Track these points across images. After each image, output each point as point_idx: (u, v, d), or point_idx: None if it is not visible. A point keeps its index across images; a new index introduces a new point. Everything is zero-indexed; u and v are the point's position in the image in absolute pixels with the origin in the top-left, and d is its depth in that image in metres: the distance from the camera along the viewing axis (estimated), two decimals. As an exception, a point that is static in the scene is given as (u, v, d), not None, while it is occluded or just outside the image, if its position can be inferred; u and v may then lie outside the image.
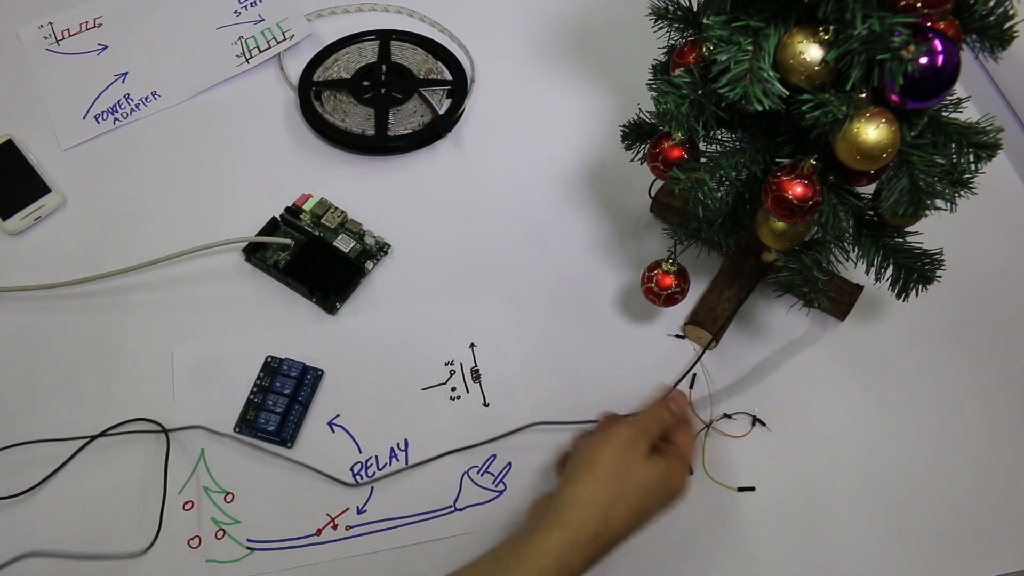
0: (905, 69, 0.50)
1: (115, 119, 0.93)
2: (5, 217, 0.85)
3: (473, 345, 0.81)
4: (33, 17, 1.00)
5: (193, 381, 0.78)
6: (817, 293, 0.66)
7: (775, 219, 0.64)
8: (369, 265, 0.84)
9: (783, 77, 0.55)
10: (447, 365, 0.80)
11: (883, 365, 0.81)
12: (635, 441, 0.65)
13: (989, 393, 0.79)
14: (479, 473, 0.75)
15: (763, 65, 0.54)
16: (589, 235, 0.87)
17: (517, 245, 0.86)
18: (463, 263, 0.85)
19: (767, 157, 0.62)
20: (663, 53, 0.68)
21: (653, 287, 0.74)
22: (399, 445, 0.76)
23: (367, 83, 0.95)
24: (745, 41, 0.55)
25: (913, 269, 0.66)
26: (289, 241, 0.83)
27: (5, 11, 1.01)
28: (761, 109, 0.55)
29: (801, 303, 0.68)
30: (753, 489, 0.74)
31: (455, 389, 0.79)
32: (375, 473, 0.74)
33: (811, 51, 0.53)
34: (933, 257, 0.66)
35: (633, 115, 0.73)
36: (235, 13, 1.01)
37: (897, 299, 0.68)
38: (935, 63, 0.51)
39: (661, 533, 0.72)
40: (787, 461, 0.76)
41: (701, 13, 0.62)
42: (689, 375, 0.79)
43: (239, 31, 0.99)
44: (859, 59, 0.51)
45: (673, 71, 0.62)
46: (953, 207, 0.60)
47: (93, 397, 0.77)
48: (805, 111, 0.54)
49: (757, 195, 0.65)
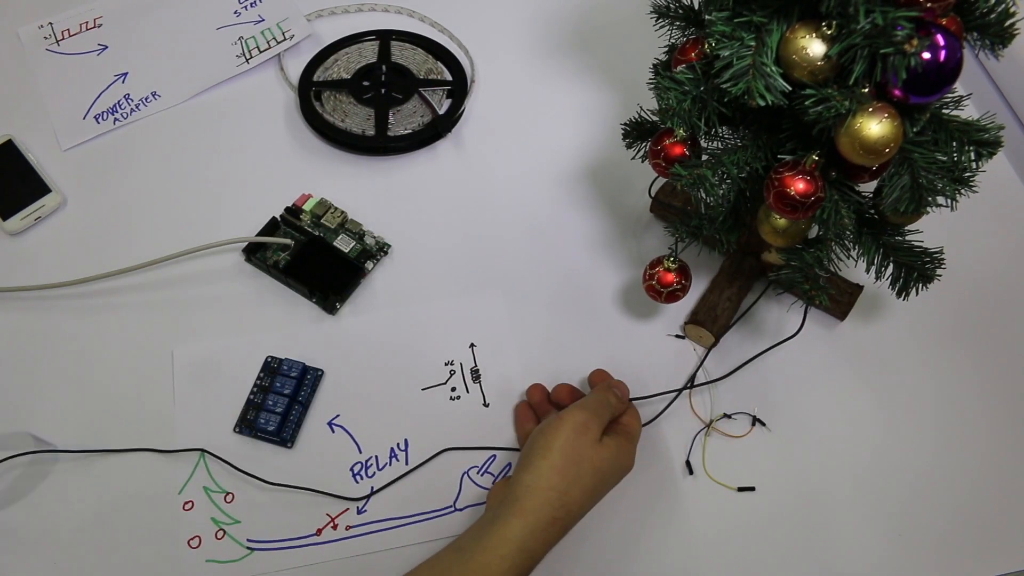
0: (908, 63, 0.50)
1: (115, 119, 0.93)
2: (5, 217, 0.85)
3: (473, 345, 0.81)
4: (33, 17, 1.00)
5: (193, 381, 0.78)
6: (818, 291, 0.66)
7: (777, 216, 0.64)
8: (369, 265, 0.84)
9: (786, 72, 0.55)
10: (447, 365, 0.80)
11: (883, 365, 0.81)
12: (587, 425, 0.66)
13: (989, 392, 0.79)
14: (479, 473, 0.75)
15: (766, 60, 0.54)
16: (589, 234, 0.87)
17: (517, 245, 0.86)
18: (463, 263, 0.85)
19: (769, 153, 0.62)
20: (664, 52, 0.68)
21: (654, 284, 0.74)
22: (399, 445, 0.76)
23: (367, 83, 0.95)
24: (748, 37, 0.55)
25: (913, 268, 0.66)
26: (289, 241, 0.83)
27: (5, 11, 1.01)
28: (764, 104, 0.55)
29: (801, 301, 0.68)
30: (753, 489, 0.74)
31: (455, 389, 0.79)
32: (375, 473, 0.74)
33: (814, 46, 0.53)
34: (933, 256, 0.66)
35: (634, 114, 0.73)
36: (235, 13, 1.01)
37: (897, 298, 0.68)
38: (937, 58, 0.51)
39: (662, 533, 0.72)
40: (787, 461, 0.76)
41: (703, 9, 0.62)
42: (689, 375, 0.79)
43: (239, 31, 0.99)
44: (862, 54, 0.51)
45: (675, 68, 0.62)
46: (954, 205, 0.60)
47: (93, 397, 0.77)
48: (808, 106, 0.54)
49: (759, 192, 0.65)
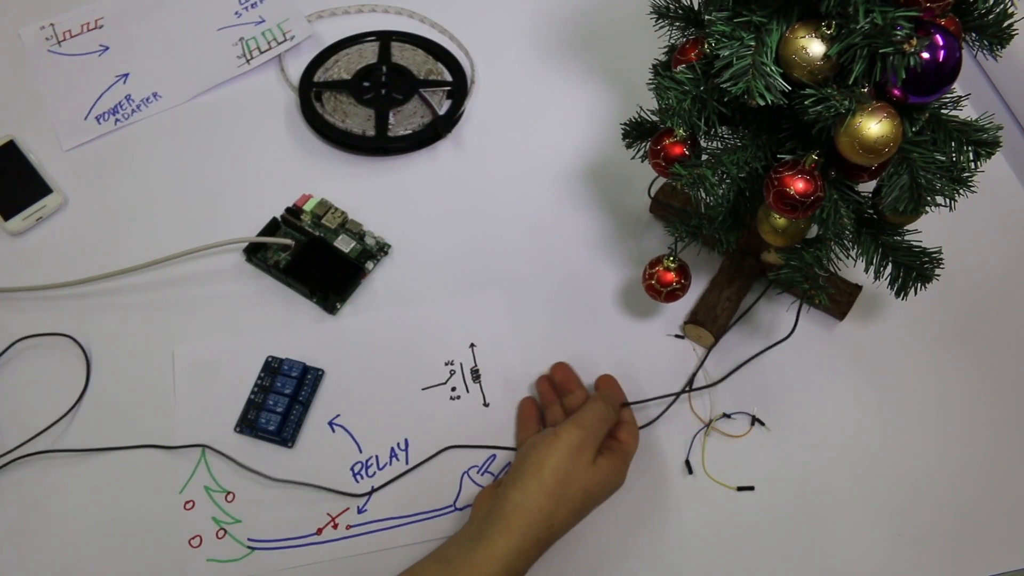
0: (907, 63, 0.50)
1: (116, 120, 0.93)
2: (7, 218, 0.85)
3: (473, 345, 0.81)
4: (35, 18, 1.00)
5: (194, 381, 0.78)
6: (817, 290, 0.66)
7: (776, 215, 0.64)
8: (369, 265, 0.84)
9: (785, 72, 0.55)
10: (447, 365, 0.80)
11: (882, 365, 0.81)
12: (582, 447, 0.65)
13: (988, 392, 0.80)
14: (479, 473, 0.75)
15: (766, 60, 0.55)
16: (589, 234, 0.87)
17: (517, 245, 0.86)
18: (463, 263, 0.85)
19: (769, 153, 0.63)
20: (663, 52, 0.68)
21: (654, 283, 0.74)
22: (399, 445, 0.76)
23: (367, 84, 0.95)
24: (748, 36, 0.55)
25: (912, 268, 0.66)
26: (290, 241, 0.83)
27: (7, 12, 1.01)
28: (764, 104, 0.55)
29: (800, 301, 0.68)
30: (753, 489, 0.74)
31: (455, 389, 0.79)
32: (375, 473, 0.74)
33: (813, 46, 0.54)
34: (932, 255, 0.66)
35: (633, 114, 0.73)
36: (236, 14, 1.01)
37: (896, 297, 0.68)
38: (937, 58, 0.52)
39: (661, 532, 0.72)
40: (786, 461, 0.76)
41: (703, 9, 0.62)
42: (689, 375, 0.79)
43: (240, 32, 0.99)
44: (861, 53, 0.51)
45: (675, 68, 0.63)
46: (953, 205, 0.60)
47: (93, 398, 0.77)
48: (807, 106, 0.54)
49: (758, 192, 0.65)
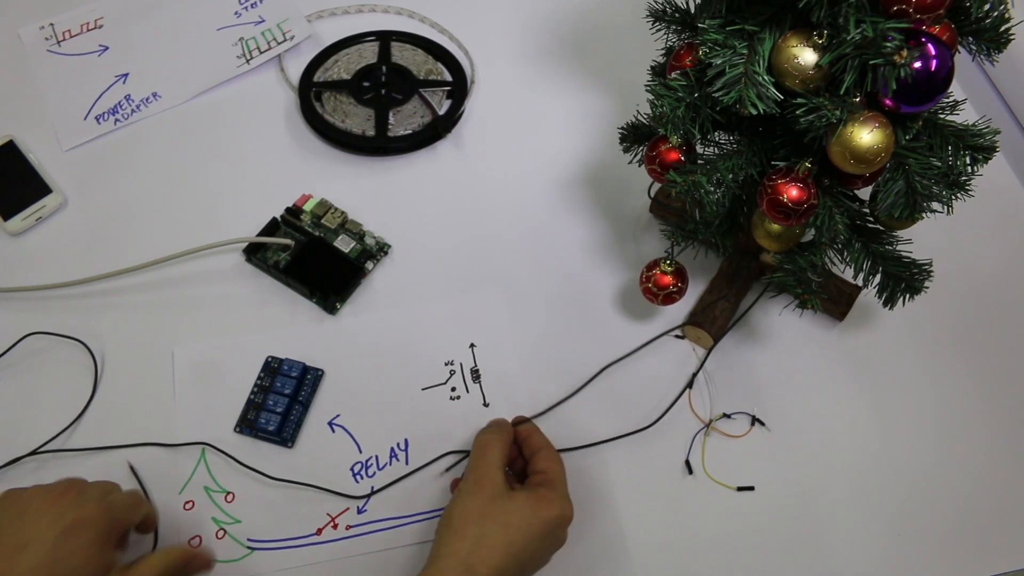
0: (898, 74, 0.50)
1: (116, 120, 0.93)
2: (6, 218, 0.86)
3: (473, 345, 0.81)
4: (34, 18, 1.00)
5: (194, 381, 0.78)
6: (811, 295, 0.66)
7: (770, 221, 0.64)
8: (369, 265, 0.84)
9: (778, 81, 0.55)
10: (447, 365, 0.80)
11: (882, 365, 0.81)
12: (479, 483, 0.65)
13: (987, 393, 0.80)
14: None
15: (758, 69, 0.55)
16: (588, 236, 0.87)
17: (517, 245, 0.87)
18: (463, 263, 0.85)
19: (763, 160, 0.63)
20: (661, 55, 0.68)
21: (651, 286, 0.74)
22: (399, 445, 0.76)
23: (367, 84, 0.95)
24: (740, 45, 0.55)
25: (901, 278, 0.66)
26: (289, 241, 0.83)
27: (6, 12, 1.01)
28: (755, 113, 0.55)
29: (796, 305, 0.68)
30: (752, 489, 0.75)
31: (455, 389, 0.79)
32: (375, 473, 0.75)
33: (805, 55, 0.54)
34: (922, 267, 0.66)
35: (631, 117, 0.73)
36: (236, 14, 1.01)
37: (884, 306, 0.68)
38: (928, 67, 0.52)
39: (661, 532, 0.72)
40: (786, 461, 0.76)
41: (697, 16, 0.62)
42: (689, 374, 0.79)
43: (240, 32, 0.99)
44: (852, 64, 0.51)
45: (669, 73, 0.63)
46: (949, 209, 0.60)
47: (94, 399, 0.77)
48: (799, 115, 0.54)
49: (754, 197, 0.65)
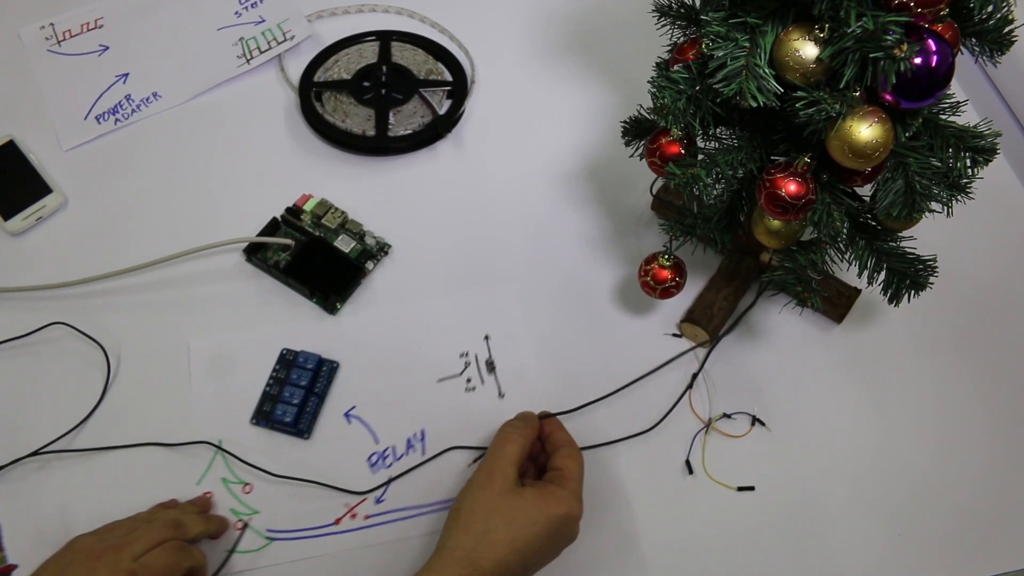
0: (898, 68, 0.50)
1: (116, 120, 0.93)
2: (6, 217, 0.86)
3: (488, 337, 0.81)
4: (34, 18, 1.00)
5: (209, 374, 0.79)
6: (811, 293, 0.66)
7: (770, 217, 0.64)
8: (370, 265, 0.84)
9: (779, 74, 0.55)
10: (462, 357, 0.80)
11: (881, 367, 0.81)
12: (491, 477, 0.65)
13: (987, 393, 0.80)
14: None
15: (759, 62, 0.55)
16: (590, 233, 0.87)
17: (518, 245, 0.87)
18: (463, 263, 0.85)
19: (763, 155, 0.63)
20: (666, 51, 0.68)
21: (649, 280, 0.74)
22: (416, 436, 0.76)
23: (367, 84, 0.95)
24: (742, 38, 0.55)
25: (906, 275, 0.66)
26: (290, 241, 0.83)
27: (7, 12, 1.01)
28: (756, 105, 0.55)
29: (795, 303, 0.68)
30: (753, 489, 0.75)
31: (470, 380, 0.79)
32: (392, 463, 0.75)
33: (806, 49, 0.54)
34: (927, 263, 0.66)
35: (634, 112, 0.73)
36: (236, 14, 1.01)
37: (889, 304, 0.67)
38: (929, 63, 0.51)
39: (661, 532, 0.72)
40: (787, 461, 0.76)
41: (701, 10, 0.62)
42: (689, 374, 0.79)
43: (240, 32, 0.99)
44: (853, 57, 0.51)
45: (672, 67, 0.63)
46: (949, 210, 0.60)
47: (93, 401, 0.77)
48: (799, 108, 0.54)
49: (753, 194, 0.65)
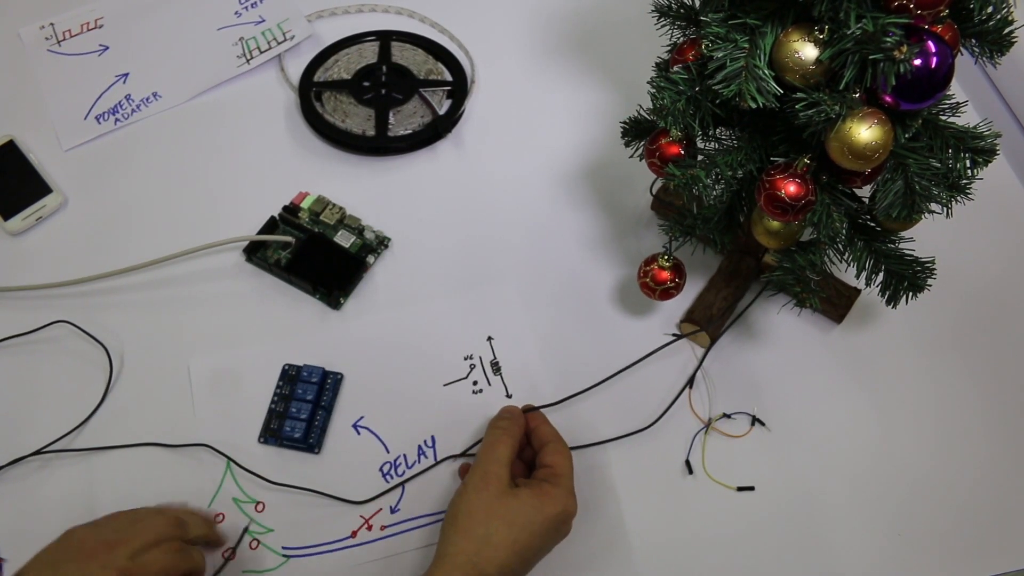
0: (898, 70, 0.50)
1: (116, 120, 0.93)
2: (6, 217, 0.86)
3: (491, 338, 0.81)
4: (34, 18, 1.00)
5: (211, 394, 0.77)
6: (809, 294, 0.66)
7: (769, 218, 0.64)
8: (370, 259, 0.84)
9: (778, 75, 0.55)
10: (466, 359, 0.80)
11: (881, 367, 0.81)
12: (486, 480, 0.65)
13: (986, 394, 0.80)
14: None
15: (758, 63, 0.55)
16: (589, 233, 0.87)
17: (518, 244, 0.87)
18: (463, 263, 0.85)
19: (763, 155, 0.63)
20: (666, 51, 0.68)
21: (648, 281, 0.74)
22: (427, 442, 0.76)
23: (367, 84, 0.95)
24: (741, 39, 0.55)
25: (904, 276, 0.66)
26: (290, 239, 0.83)
27: (7, 12, 1.01)
28: (755, 107, 0.55)
29: (794, 303, 0.68)
30: (752, 489, 0.75)
31: (477, 383, 0.79)
32: (404, 472, 0.74)
33: (806, 50, 0.54)
34: (925, 265, 0.66)
35: (633, 112, 0.73)
36: (236, 14, 1.01)
37: (887, 305, 0.68)
38: (928, 65, 0.51)
39: (661, 532, 0.72)
40: (786, 461, 0.76)
41: (701, 11, 0.62)
42: (688, 374, 0.79)
43: (240, 32, 0.99)
44: (852, 59, 0.51)
45: (672, 68, 0.63)
46: (948, 211, 0.60)
47: (93, 401, 0.77)
48: (799, 109, 0.54)
49: (752, 195, 0.65)
